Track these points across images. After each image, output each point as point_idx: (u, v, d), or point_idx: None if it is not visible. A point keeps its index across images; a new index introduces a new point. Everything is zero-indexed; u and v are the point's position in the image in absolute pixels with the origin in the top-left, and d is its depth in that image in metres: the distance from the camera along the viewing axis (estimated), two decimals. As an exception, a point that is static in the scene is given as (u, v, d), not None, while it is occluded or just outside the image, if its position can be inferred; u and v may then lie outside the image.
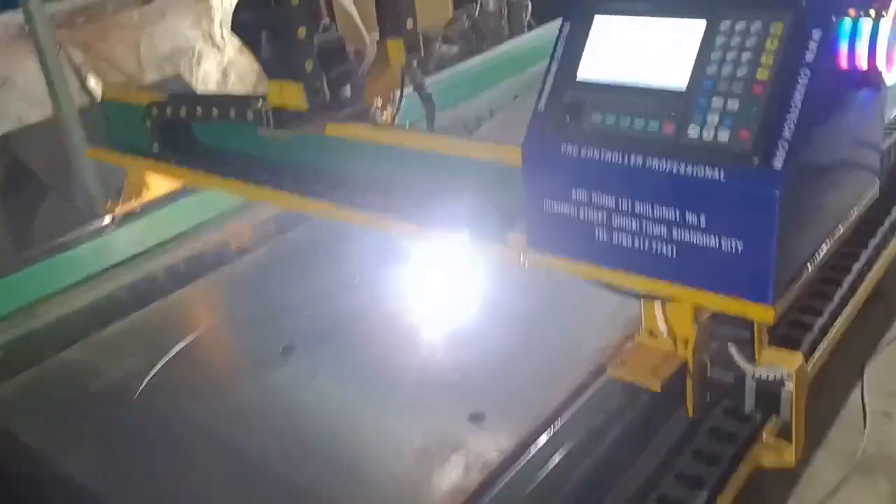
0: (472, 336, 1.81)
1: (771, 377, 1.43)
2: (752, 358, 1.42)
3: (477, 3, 4.26)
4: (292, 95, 1.61)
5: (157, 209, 2.37)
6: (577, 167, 1.19)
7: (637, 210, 1.16)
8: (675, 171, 1.10)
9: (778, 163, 1.03)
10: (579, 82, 1.22)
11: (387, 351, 1.80)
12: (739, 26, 1.09)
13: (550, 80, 1.24)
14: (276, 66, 1.63)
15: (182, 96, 2.01)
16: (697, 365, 1.43)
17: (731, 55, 1.09)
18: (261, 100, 1.69)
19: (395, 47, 1.72)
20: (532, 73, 3.26)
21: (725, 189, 1.06)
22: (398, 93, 1.81)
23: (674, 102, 1.12)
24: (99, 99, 2.49)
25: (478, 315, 1.89)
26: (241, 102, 1.77)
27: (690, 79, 1.12)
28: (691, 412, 1.47)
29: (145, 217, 2.35)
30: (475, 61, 3.29)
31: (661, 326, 1.43)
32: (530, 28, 4.12)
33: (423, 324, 1.90)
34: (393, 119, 1.85)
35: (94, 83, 3.29)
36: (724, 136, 1.07)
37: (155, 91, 2.66)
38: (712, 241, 1.10)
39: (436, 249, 1.89)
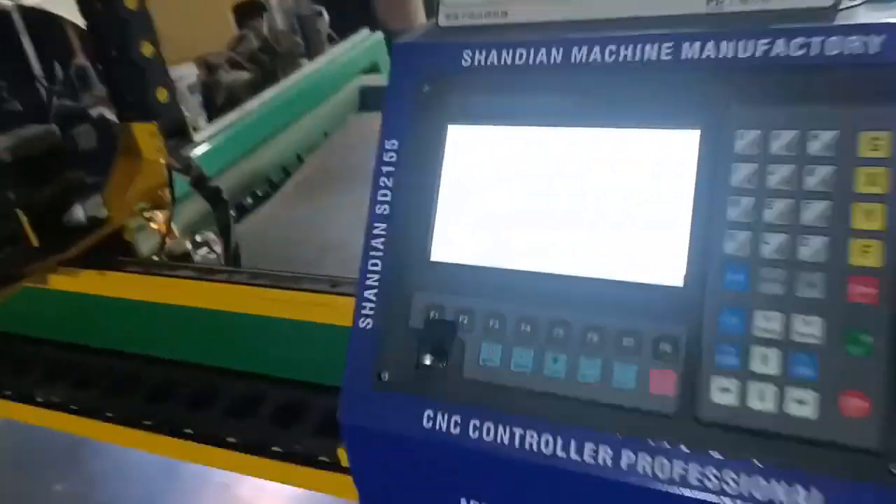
0: None
1: None
2: None
3: (263, 19, 3.53)
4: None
5: None
6: (466, 461, 0.54)
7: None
8: (701, 489, 0.47)
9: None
10: (439, 265, 0.57)
11: None
12: (783, 142, 0.48)
13: (374, 265, 0.58)
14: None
15: None
16: None
17: (776, 210, 0.48)
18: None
19: (146, 133, 1.18)
20: (342, 99, 2.64)
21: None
22: (168, 191, 1.25)
23: (667, 319, 0.49)
24: None
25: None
26: None
27: (688, 267, 0.49)
28: None
29: None
30: (273, 91, 2.58)
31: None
32: (331, 41, 3.46)
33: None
34: (168, 230, 1.28)
35: None
36: (802, 406, 0.46)
37: None
38: None
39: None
